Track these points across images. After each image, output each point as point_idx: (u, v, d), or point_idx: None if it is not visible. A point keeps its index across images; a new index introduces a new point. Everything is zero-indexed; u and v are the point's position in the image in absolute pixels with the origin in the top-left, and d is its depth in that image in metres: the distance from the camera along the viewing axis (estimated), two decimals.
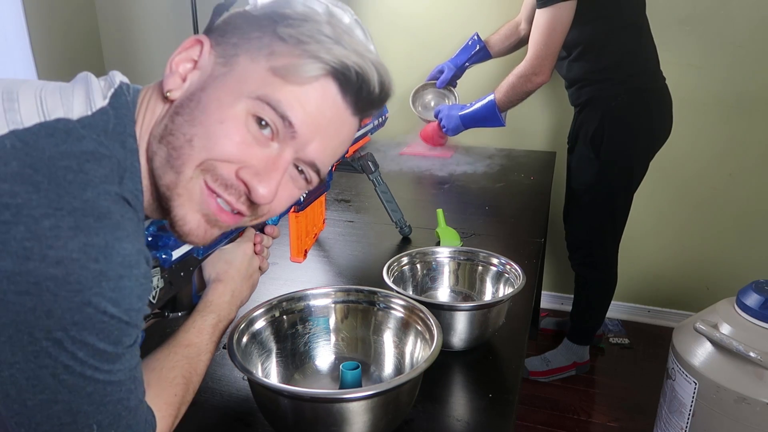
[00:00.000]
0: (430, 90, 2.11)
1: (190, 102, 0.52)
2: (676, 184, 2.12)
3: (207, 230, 0.55)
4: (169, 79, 0.53)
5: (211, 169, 0.52)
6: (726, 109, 1.99)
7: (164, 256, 0.58)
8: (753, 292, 1.22)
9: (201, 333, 0.63)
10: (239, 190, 0.53)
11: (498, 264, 0.94)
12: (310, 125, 0.53)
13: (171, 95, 0.53)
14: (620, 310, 2.30)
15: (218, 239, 0.65)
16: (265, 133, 0.52)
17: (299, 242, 1.04)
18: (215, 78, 0.52)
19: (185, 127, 0.51)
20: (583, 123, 1.73)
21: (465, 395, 0.77)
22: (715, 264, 2.16)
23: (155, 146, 0.53)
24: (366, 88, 0.55)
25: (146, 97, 0.55)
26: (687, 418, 1.26)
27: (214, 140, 0.51)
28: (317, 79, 0.52)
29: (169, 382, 0.57)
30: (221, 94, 0.52)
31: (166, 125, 0.52)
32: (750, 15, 1.89)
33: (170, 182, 0.52)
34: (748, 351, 1.14)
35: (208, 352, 0.63)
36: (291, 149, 0.54)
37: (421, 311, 0.73)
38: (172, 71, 0.53)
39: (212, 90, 0.52)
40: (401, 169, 1.78)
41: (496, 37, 1.96)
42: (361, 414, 0.59)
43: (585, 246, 1.85)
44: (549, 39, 1.57)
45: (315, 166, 0.56)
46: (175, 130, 0.52)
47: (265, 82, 0.52)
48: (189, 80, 0.53)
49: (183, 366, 0.59)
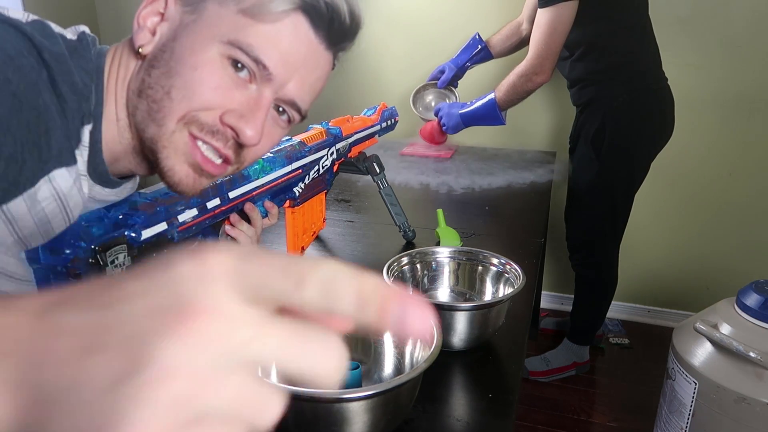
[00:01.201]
0: (431, 90, 2.11)
1: (163, 54, 0.52)
2: (676, 184, 2.12)
3: (195, 179, 0.56)
4: (138, 35, 0.53)
5: (195, 121, 0.52)
6: (726, 109, 1.99)
7: (132, 234, 0.57)
8: (753, 292, 1.22)
9: None
10: (226, 135, 0.54)
11: (498, 264, 0.94)
12: (285, 65, 0.53)
13: (143, 50, 0.53)
14: (620, 310, 2.30)
15: (198, 226, 0.65)
16: (242, 76, 0.53)
17: (296, 239, 1.01)
18: (185, 26, 0.53)
19: (162, 79, 0.52)
20: (585, 123, 1.73)
21: (465, 395, 0.77)
22: (715, 264, 2.16)
23: (135, 101, 0.53)
24: (337, 19, 0.55)
25: (117, 55, 0.55)
26: (687, 418, 1.26)
27: (192, 89, 0.51)
28: (288, 14, 0.52)
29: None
30: (193, 42, 0.52)
31: (143, 79, 0.53)
32: (750, 15, 1.89)
33: (153, 135, 0.52)
34: (748, 351, 1.14)
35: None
36: (270, 90, 0.54)
37: None
38: (140, 26, 0.54)
39: (184, 38, 0.52)
40: (401, 169, 1.78)
41: (497, 38, 1.96)
42: (361, 414, 0.59)
43: (586, 246, 1.85)
44: (550, 39, 1.57)
45: (295, 104, 0.57)
46: (152, 84, 0.52)
47: (236, 24, 0.51)
48: (158, 33, 0.54)
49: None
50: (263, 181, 0.78)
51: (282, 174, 0.82)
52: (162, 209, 0.61)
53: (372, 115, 1.19)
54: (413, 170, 1.79)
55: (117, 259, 0.56)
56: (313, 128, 0.99)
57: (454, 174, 1.76)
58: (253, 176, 0.76)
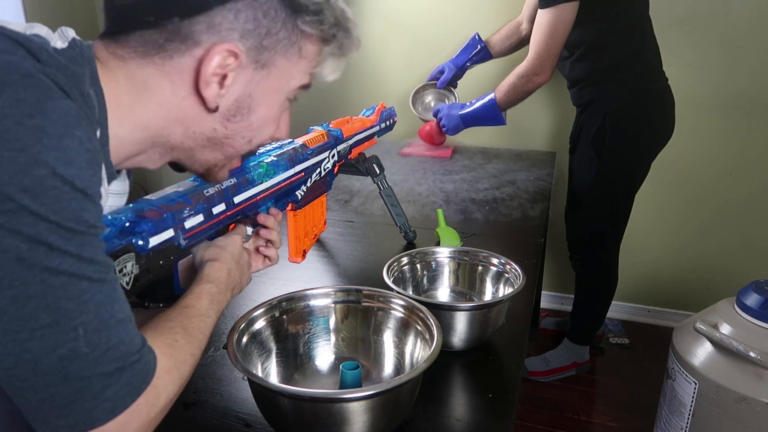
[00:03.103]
0: (431, 90, 2.11)
1: (240, 110, 0.58)
2: (676, 184, 2.12)
3: (220, 170, 0.63)
4: (208, 89, 0.54)
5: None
6: (726, 109, 1.99)
7: (140, 243, 0.57)
8: (753, 292, 1.22)
9: (200, 298, 0.60)
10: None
11: (498, 264, 0.94)
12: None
13: (213, 104, 0.56)
14: (620, 310, 2.30)
15: (204, 232, 0.66)
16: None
17: (298, 242, 1.02)
18: (257, 83, 0.57)
19: (244, 131, 0.59)
20: (585, 123, 1.73)
21: (465, 395, 0.77)
22: (715, 264, 2.16)
23: (202, 143, 0.59)
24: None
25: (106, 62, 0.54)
26: (687, 418, 1.26)
27: (266, 132, 0.62)
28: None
29: (167, 329, 0.54)
30: (269, 96, 0.59)
31: (215, 129, 0.58)
32: (750, 15, 1.89)
33: (213, 159, 0.61)
34: (748, 351, 1.14)
35: (209, 317, 0.60)
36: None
37: (421, 311, 0.73)
38: (207, 81, 0.54)
39: (259, 94, 0.58)
40: (401, 169, 1.78)
41: (497, 37, 1.96)
42: (360, 414, 0.59)
43: (586, 246, 1.85)
44: (551, 39, 1.57)
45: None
46: (231, 135, 0.59)
47: (302, 73, 0.60)
48: (227, 87, 0.55)
49: (181, 321, 0.56)
50: (267, 185, 0.77)
51: (285, 177, 0.82)
52: (169, 216, 0.60)
53: (371, 115, 1.19)
54: (413, 170, 1.79)
55: (125, 267, 0.56)
56: (314, 130, 0.98)
57: (455, 174, 1.76)
58: (258, 180, 0.75)
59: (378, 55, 2.30)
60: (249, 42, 0.54)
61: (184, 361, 0.53)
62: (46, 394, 0.42)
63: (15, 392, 0.42)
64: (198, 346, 0.56)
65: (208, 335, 0.59)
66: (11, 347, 0.40)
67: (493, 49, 1.97)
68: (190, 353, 0.54)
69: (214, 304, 0.62)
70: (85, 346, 0.42)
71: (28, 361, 0.41)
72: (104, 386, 0.43)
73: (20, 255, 0.39)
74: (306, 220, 1.01)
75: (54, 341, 0.41)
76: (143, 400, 0.46)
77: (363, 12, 2.28)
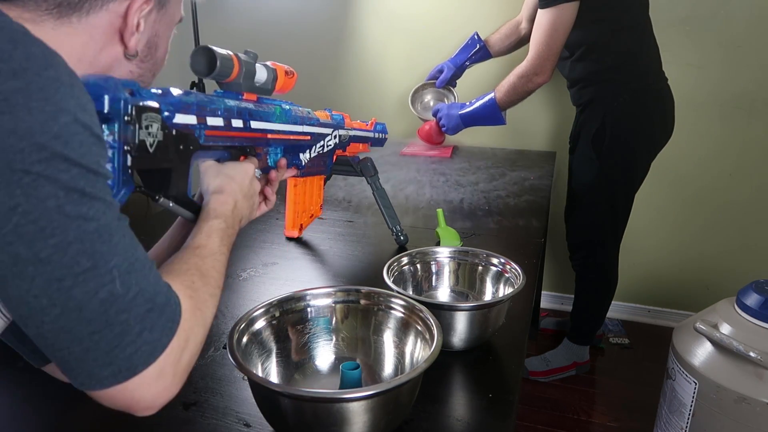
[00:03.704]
0: (430, 90, 2.11)
1: (151, 49, 0.62)
2: (676, 184, 2.12)
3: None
4: (133, 37, 0.59)
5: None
6: (726, 109, 1.99)
7: (167, 114, 0.59)
8: (753, 292, 1.22)
9: (210, 236, 0.61)
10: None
11: (498, 264, 0.93)
12: None
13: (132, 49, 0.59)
14: (620, 310, 2.30)
15: (221, 140, 0.70)
16: None
17: (295, 216, 1.11)
18: (159, 21, 0.62)
19: (152, 68, 0.64)
20: (585, 123, 1.73)
21: (465, 395, 0.77)
22: (715, 264, 2.16)
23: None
24: None
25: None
26: (687, 418, 1.26)
27: (162, 63, 0.66)
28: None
29: (183, 272, 0.55)
30: (167, 31, 0.64)
31: (132, 71, 0.61)
32: (750, 15, 1.89)
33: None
34: (748, 351, 1.14)
35: (222, 254, 0.61)
36: None
37: (421, 311, 0.73)
38: (131, 29, 0.58)
39: (161, 32, 0.63)
40: (401, 169, 1.79)
41: (496, 37, 1.96)
42: (361, 414, 0.59)
43: (586, 246, 1.85)
44: (551, 39, 1.57)
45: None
46: (144, 73, 0.63)
47: (180, 5, 0.65)
48: (141, 30, 0.60)
49: (195, 262, 0.57)
50: (279, 128, 0.83)
51: (295, 131, 0.88)
52: (194, 102, 0.64)
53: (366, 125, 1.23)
54: (413, 170, 1.79)
55: (151, 126, 0.56)
56: (317, 112, 1.02)
57: (455, 174, 1.76)
58: (272, 118, 0.81)
59: (377, 55, 2.30)
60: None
61: (205, 302, 0.54)
62: (90, 342, 0.43)
63: (59, 348, 0.43)
64: (216, 286, 0.57)
65: (223, 273, 0.60)
66: (56, 296, 0.41)
67: (492, 49, 1.97)
68: (210, 294, 0.55)
69: (225, 239, 0.63)
70: (121, 287, 0.44)
71: (72, 309, 0.42)
72: (141, 329, 0.45)
73: (59, 203, 0.41)
74: (305, 196, 1.10)
75: (95, 285, 0.43)
76: (176, 343, 0.48)
77: (363, 12, 2.28)
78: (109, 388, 0.44)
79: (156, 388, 0.46)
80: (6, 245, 0.40)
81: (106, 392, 0.45)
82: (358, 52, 2.33)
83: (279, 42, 2.41)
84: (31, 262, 0.40)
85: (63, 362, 0.44)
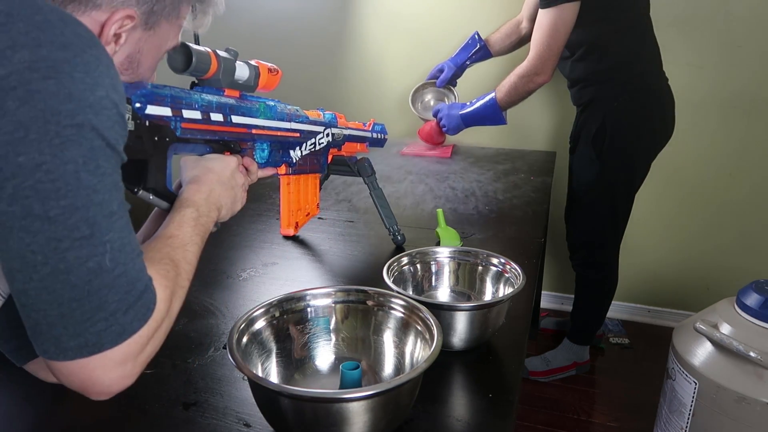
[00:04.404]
0: (430, 89, 2.11)
1: (132, 64, 0.63)
2: (676, 184, 2.12)
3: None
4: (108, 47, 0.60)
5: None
6: (726, 109, 1.99)
7: (138, 105, 0.60)
8: (753, 292, 1.22)
9: (181, 226, 0.63)
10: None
11: (498, 264, 0.93)
12: None
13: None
14: (620, 310, 2.30)
15: (200, 133, 0.71)
16: None
17: (290, 214, 1.11)
18: (146, 41, 0.63)
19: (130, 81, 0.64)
20: (585, 123, 1.73)
21: (465, 395, 0.77)
22: (715, 264, 2.16)
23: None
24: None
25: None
26: (687, 418, 1.26)
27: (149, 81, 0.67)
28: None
29: (157, 261, 0.56)
30: (153, 51, 0.64)
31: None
32: (750, 15, 1.89)
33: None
34: (748, 351, 1.14)
35: (194, 244, 0.63)
36: None
37: (421, 311, 0.73)
38: (108, 43, 0.59)
39: (146, 51, 0.63)
40: (401, 169, 1.78)
41: (496, 36, 1.96)
42: (361, 414, 0.59)
43: (586, 246, 1.85)
44: (552, 39, 1.57)
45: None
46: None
47: (176, 32, 0.66)
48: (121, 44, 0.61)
49: (168, 252, 0.58)
50: (263, 124, 0.83)
51: (280, 127, 0.88)
52: (167, 94, 0.65)
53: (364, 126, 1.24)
54: (413, 170, 1.79)
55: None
56: (309, 111, 1.03)
57: (455, 174, 1.76)
58: (255, 114, 0.81)
59: (378, 55, 2.30)
60: (144, 7, 0.60)
61: (176, 294, 0.56)
62: (67, 308, 0.45)
63: (37, 309, 0.45)
64: (186, 278, 0.59)
65: (195, 263, 0.62)
66: (51, 255, 0.44)
67: (492, 48, 1.97)
68: (180, 285, 0.57)
69: (198, 228, 0.65)
70: (109, 262, 0.46)
71: (62, 271, 0.44)
72: (116, 308, 0.46)
73: (77, 168, 0.44)
74: (299, 195, 1.10)
75: (87, 252, 0.45)
76: (145, 331, 0.49)
77: (363, 12, 2.28)
78: (71, 360, 0.45)
79: (115, 372, 0.47)
80: (23, 198, 0.42)
81: (66, 365, 0.46)
82: (358, 51, 2.33)
83: (279, 42, 2.41)
84: (40, 218, 0.42)
85: (35, 325, 0.45)
